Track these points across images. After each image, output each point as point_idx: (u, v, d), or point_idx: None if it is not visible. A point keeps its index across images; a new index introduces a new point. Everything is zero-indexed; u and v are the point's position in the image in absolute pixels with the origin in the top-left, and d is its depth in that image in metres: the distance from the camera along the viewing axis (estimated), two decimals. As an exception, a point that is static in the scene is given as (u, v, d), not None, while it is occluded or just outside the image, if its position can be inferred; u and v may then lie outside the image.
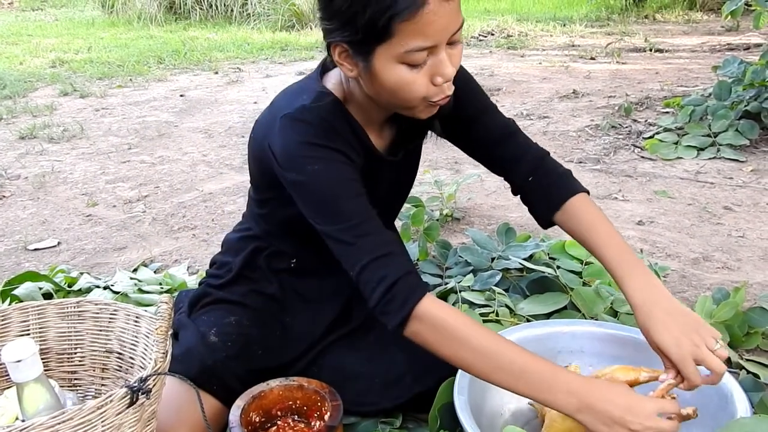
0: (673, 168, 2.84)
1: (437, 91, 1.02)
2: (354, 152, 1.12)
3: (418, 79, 0.99)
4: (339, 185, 1.06)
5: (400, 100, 1.04)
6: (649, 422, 0.93)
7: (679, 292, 1.81)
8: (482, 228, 2.25)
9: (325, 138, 1.07)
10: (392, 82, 1.00)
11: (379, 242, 1.04)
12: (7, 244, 2.35)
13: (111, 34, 7.62)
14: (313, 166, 1.05)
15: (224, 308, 1.31)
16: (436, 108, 1.07)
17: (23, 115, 4.29)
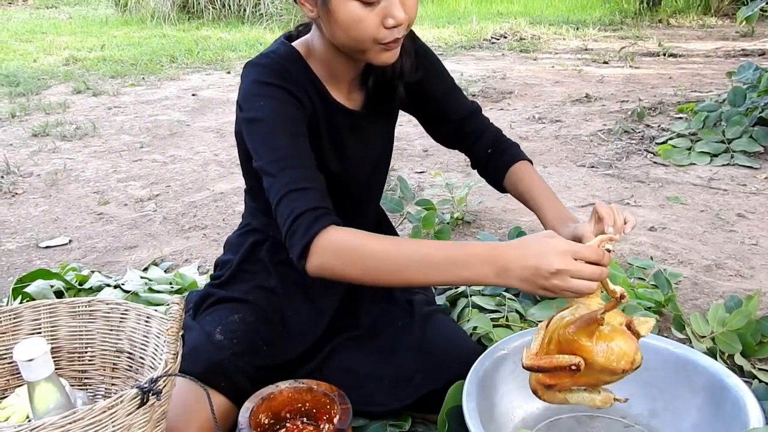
0: (686, 174, 2.82)
1: (387, 34, 1.06)
2: (307, 97, 1.16)
3: (369, 18, 1.04)
4: (279, 121, 1.11)
5: (353, 40, 1.08)
6: (563, 260, 0.92)
7: (691, 299, 1.79)
8: (493, 232, 2.24)
9: (277, 77, 1.13)
10: (345, 18, 1.05)
11: (300, 176, 1.06)
12: (19, 242, 2.36)
13: (124, 33, 7.66)
14: (260, 101, 1.12)
15: (228, 307, 1.32)
16: (391, 54, 1.10)
17: (36, 112, 4.31)
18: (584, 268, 0.94)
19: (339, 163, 1.26)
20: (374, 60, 1.12)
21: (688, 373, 1.21)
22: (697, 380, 1.20)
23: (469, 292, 1.62)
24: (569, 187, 2.69)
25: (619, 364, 0.98)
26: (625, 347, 0.99)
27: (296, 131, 1.13)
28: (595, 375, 1.01)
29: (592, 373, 1.01)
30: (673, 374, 1.23)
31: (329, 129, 1.22)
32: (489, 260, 0.96)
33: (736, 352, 1.45)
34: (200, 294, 1.36)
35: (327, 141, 1.23)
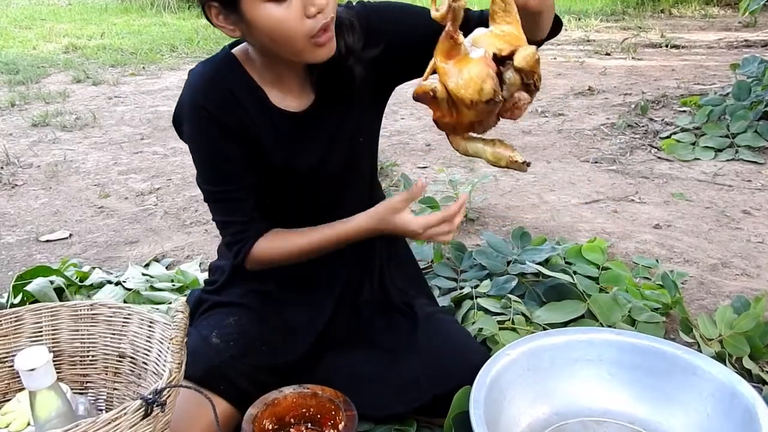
0: (691, 169, 2.80)
1: (314, 24, 1.00)
2: (239, 109, 1.14)
3: (289, 14, 0.99)
4: (205, 152, 1.17)
5: (283, 44, 1.03)
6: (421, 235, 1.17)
7: (697, 299, 1.78)
8: (497, 229, 2.22)
9: (211, 102, 1.12)
10: (265, 24, 1.00)
11: (225, 209, 1.21)
12: (19, 235, 2.34)
13: (124, 21, 7.60)
14: (190, 129, 1.16)
15: (222, 311, 1.31)
16: (327, 47, 1.06)
17: (36, 101, 4.28)
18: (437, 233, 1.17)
19: (295, 163, 1.22)
20: (311, 59, 1.07)
21: (697, 378, 1.20)
22: (706, 387, 1.19)
23: (475, 294, 1.61)
24: (573, 183, 2.67)
25: (467, 91, 0.89)
26: (473, 72, 0.89)
27: (220, 161, 1.17)
28: (463, 110, 0.93)
29: (460, 108, 0.93)
30: (681, 380, 1.22)
31: (274, 134, 1.18)
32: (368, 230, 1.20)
33: (744, 355, 1.44)
34: (195, 300, 1.35)
35: (273, 145, 1.19)
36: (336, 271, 1.36)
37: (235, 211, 1.21)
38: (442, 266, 1.84)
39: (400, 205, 1.16)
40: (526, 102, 0.95)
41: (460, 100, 0.91)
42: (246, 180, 1.20)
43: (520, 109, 0.95)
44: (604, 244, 1.96)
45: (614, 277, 1.76)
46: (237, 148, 1.17)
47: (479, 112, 0.92)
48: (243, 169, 1.19)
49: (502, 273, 1.76)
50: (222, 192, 1.20)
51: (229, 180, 1.19)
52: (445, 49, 0.91)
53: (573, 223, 2.28)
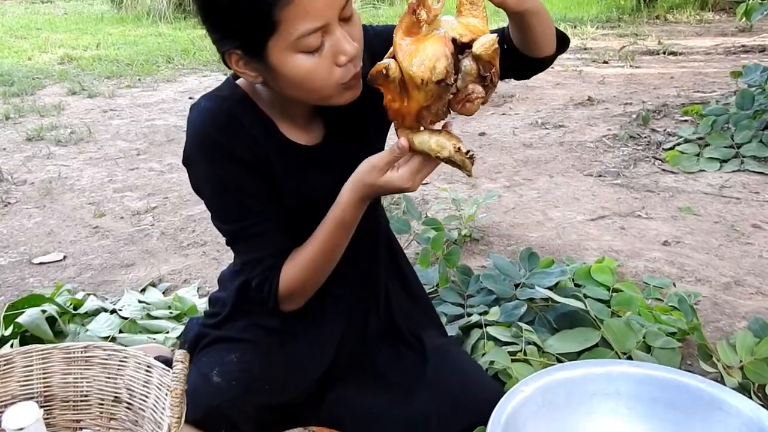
0: (696, 182, 2.75)
1: (345, 72, 0.98)
2: (253, 143, 1.09)
3: (320, 65, 0.96)
4: (221, 190, 1.10)
5: (311, 92, 1.00)
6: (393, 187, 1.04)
7: (712, 321, 1.73)
8: (502, 249, 2.17)
9: (223, 134, 1.06)
10: (295, 74, 0.97)
11: (248, 247, 1.14)
12: (11, 257, 2.28)
13: (120, 31, 7.55)
14: (203, 163, 1.08)
15: (224, 347, 1.24)
16: (354, 89, 1.02)
17: (31, 114, 4.23)
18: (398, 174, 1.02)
19: (305, 196, 1.17)
20: (338, 102, 1.03)
21: (722, 414, 1.15)
22: (732, 422, 1.14)
23: (484, 322, 1.55)
24: (578, 198, 2.62)
25: (418, 69, 0.86)
26: (429, 51, 0.86)
27: (241, 195, 1.10)
28: (413, 92, 0.90)
29: (411, 90, 0.89)
30: (705, 415, 1.17)
31: (287, 168, 1.13)
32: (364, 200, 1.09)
33: (767, 382, 1.38)
34: (195, 334, 1.29)
35: (285, 177, 1.14)
36: (341, 302, 1.31)
37: (263, 246, 1.14)
38: (448, 291, 1.79)
39: (386, 167, 1.03)
40: (480, 96, 0.92)
41: (411, 79, 0.88)
42: (269, 209, 1.13)
43: (472, 102, 0.92)
44: (613, 263, 1.91)
45: (626, 299, 1.71)
46: (256, 181, 1.11)
47: (429, 93, 0.88)
48: (263, 198, 1.13)
49: (511, 298, 1.70)
50: (245, 228, 1.12)
51: (251, 212, 1.12)
52: (406, 26, 0.90)
53: (579, 241, 2.23)
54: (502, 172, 2.97)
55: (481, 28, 0.91)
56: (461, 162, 0.95)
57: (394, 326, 1.36)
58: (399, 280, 1.41)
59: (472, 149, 0.94)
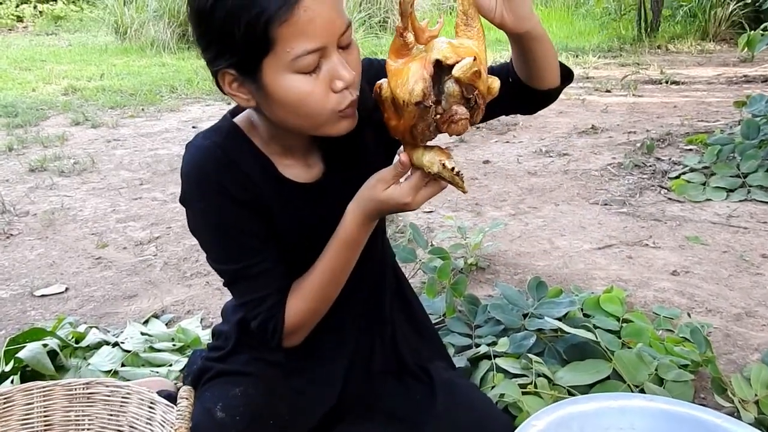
0: (703, 211, 2.73)
1: (340, 99, 0.96)
2: (249, 183, 1.07)
3: (316, 88, 0.94)
4: (217, 230, 1.08)
5: (306, 117, 0.97)
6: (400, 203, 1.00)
7: (725, 353, 1.70)
8: (509, 278, 2.15)
9: (218, 174, 1.04)
10: (289, 96, 0.94)
11: (246, 288, 1.11)
12: (13, 289, 2.26)
13: (124, 62, 7.61)
14: (199, 203, 1.06)
15: (228, 380, 1.21)
16: (350, 119, 1.00)
17: (34, 145, 4.23)
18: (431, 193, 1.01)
19: (307, 235, 1.15)
20: (332, 132, 1.01)
21: (741, 452, 1.12)
22: (751, 461, 1.10)
23: (493, 353, 1.52)
24: (584, 227, 2.60)
25: (400, 91, 0.88)
26: (409, 72, 0.88)
27: (240, 232, 1.08)
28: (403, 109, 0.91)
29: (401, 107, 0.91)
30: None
31: (284, 205, 1.11)
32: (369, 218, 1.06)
33: (783, 418, 1.35)
34: (198, 368, 1.26)
35: (284, 217, 1.12)
36: (346, 335, 1.28)
37: (265, 285, 1.10)
38: (455, 321, 1.76)
39: (391, 180, 1.00)
40: (464, 117, 0.91)
41: (396, 99, 0.90)
42: (268, 247, 1.11)
43: (456, 124, 0.92)
44: (622, 293, 1.89)
45: (636, 330, 1.69)
46: (253, 220, 1.09)
47: (411, 114, 0.90)
48: (262, 237, 1.10)
49: (519, 328, 1.68)
50: (245, 267, 1.09)
51: (251, 251, 1.09)
52: (395, 47, 0.92)
53: (587, 270, 2.21)
54: (507, 200, 2.96)
55: (474, 49, 0.91)
56: (450, 178, 0.95)
57: (400, 359, 1.33)
58: (404, 311, 1.38)
59: (457, 166, 0.94)
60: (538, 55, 1.05)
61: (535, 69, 1.08)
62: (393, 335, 1.33)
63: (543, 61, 1.06)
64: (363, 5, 8.98)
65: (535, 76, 1.09)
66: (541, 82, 1.10)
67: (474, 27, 0.93)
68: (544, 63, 1.07)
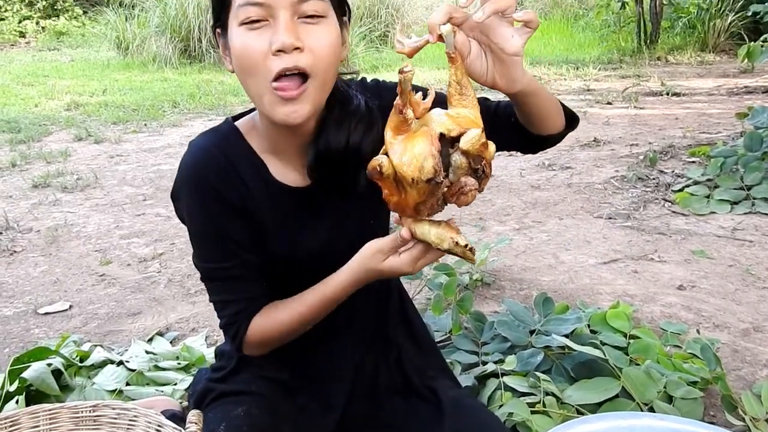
0: (708, 224, 2.73)
1: (277, 63, 0.94)
2: (241, 183, 1.08)
3: (255, 42, 0.95)
4: (202, 229, 1.10)
5: (247, 74, 0.98)
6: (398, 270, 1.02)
7: (734, 369, 1.69)
8: (514, 293, 2.14)
9: (211, 175, 1.07)
10: (236, 47, 0.97)
11: (222, 288, 1.12)
12: (17, 306, 2.25)
13: (126, 77, 7.64)
14: (190, 205, 1.09)
15: (230, 401, 1.20)
16: (286, 107, 0.97)
17: (37, 161, 4.24)
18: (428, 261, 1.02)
19: (298, 245, 1.14)
20: (272, 114, 0.99)
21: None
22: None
23: (500, 371, 1.51)
24: (589, 241, 2.59)
25: (409, 168, 0.86)
26: (417, 150, 0.86)
27: (223, 238, 1.09)
28: (407, 188, 0.89)
29: (405, 186, 0.89)
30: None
31: (274, 210, 1.11)
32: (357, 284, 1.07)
33: (793, 436, 1.34)
34: (201, 389, 1.25)
35: (274, 223, 1.12)
36: (349, 354, 1.27)
37: (236, 290, 1.11)
38: (461, 339, 1.75)
39: (390, 252, 1.01)
40: (473, 188, 0.90)
41: (403, 177, 0.88)
42: (248, 256, 1.11)
43: (466, 195, 0.90)
44: (628, 309, 1.88)
45: (644, 347, 1.67)
46: (238, 223, 1.10)
47: (421, 191, 0.88)
48: (245, 245, 1.11)
49: (526, 345, 1.67)
50: (222, 269, 1.10)
51: (230, 255, 1.10)
52: (394, 124, 0.90)
53: (593, 285, 2.20)
54: (511, 214, 2.95)
55: (472, 118, 0.90)
56: (461, 254, 0.94)
57: (406, 378, 1.31)
58: (407, 330, 1.38)
59: (470, 242, 0.93)
60: (534, 108, 1.05)
61: (533, 118, 1.08)
62: (398, 355, 1.32)
63: (541, 112, 1.06)
64: (363, 20, 9.03)
65: (535, 124, 1.09)
66: (541, 129, 1.10)
67: (468, 95, 0.92)
68: (543, 113, 1.07)
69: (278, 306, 1.13)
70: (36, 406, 1.01)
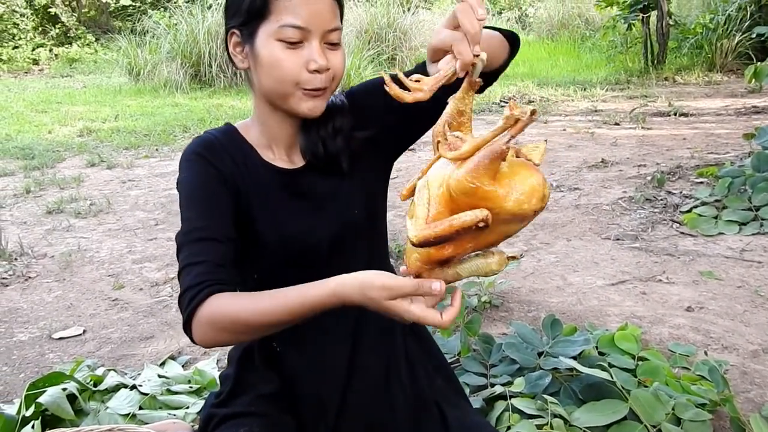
0: (716, 245, 2.73)
1: (309, 78, 1.08)
2: (232, 164, 1.14)
3: (291, 58, 1.07)
4: (193, 189, 1.14)
5: (277, 81, 1.09)
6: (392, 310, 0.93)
7: (742, 391, 1.69)
8: (522, 315, 2.15)
9: (203, 148, 1.15)
10: (268, 58, 1.08)
11: (197, 251, 1.06)
12: (31, 332, 2.29)
13: (137, 102, 7.75)
14: (182, 173, 1.16)
15: (232, 423, 1.23)
16: (312, 102, 1.10)
17: (51, 187, 4.30)
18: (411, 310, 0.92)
19: (280, 226, 1.16)
20: (297, 108, 1.11)
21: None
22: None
23: (508, 393, 1.52)
24: (597, 262, 2.60)
25: (531, 204, 0.79)
26: (533, 181, 0.80)
27: (209, 198, 1.13)
28: (500, 228, 0.83)
29: (497, 227, 0.82)
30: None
31: (261, 190, 1.17)
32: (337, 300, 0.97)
33: (803, 459, 1.34)
34: (204, 417, 1.27)
35: (260, 204, 1.16)
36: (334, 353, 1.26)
37: (206, 252, 1.06)
38: (470, 361, 1.76)
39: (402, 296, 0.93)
40: None
41: (522, 215, 0.81)
42: (226, 227, 1.11)
43: None
44: (637, 331, 1.89)
45: (652, 368, 1.68)
46: (224, 194, 1.14)
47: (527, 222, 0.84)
48: (227, 215, 1.13)
49: (534, 367, 1.68)
50: (199, 229, 1.08)
51: (208, 219, 1.10)
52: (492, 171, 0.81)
53: (601, 307, 2.21)
54: (519, 235, 2.97)
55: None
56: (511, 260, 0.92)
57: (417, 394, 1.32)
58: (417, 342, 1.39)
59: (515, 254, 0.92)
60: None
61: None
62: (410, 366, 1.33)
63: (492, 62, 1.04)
64: (372, 43, 9.14)
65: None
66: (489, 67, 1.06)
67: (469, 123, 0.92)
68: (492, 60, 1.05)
69: (245, 293, 1.05)
70: (54, 431, 1.03)
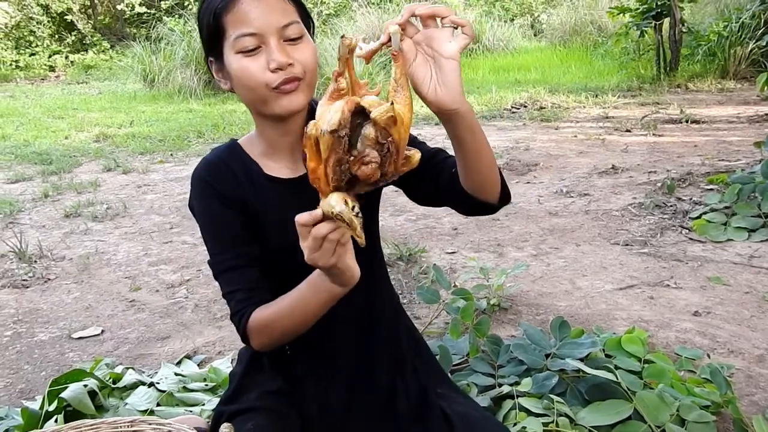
0: (725, 251, 2.75)
1: (275, 78, 1.10)
2: (236, 185, 1.20)
3: (252, 65, 1.10)
4: (209, 225, 1.22)
5: (249, 90, 1.13)
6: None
7: (747, 395, 1.71)
8: (530, 318, 2.19)
9: (211, 175, 1.21)
10: (236, 71, 1.12)
11: (229, 280, 1.20)
12: (51, 332, 2.35)
13: (152, 108, 7.85)
14: (195, 200, 1.24)
15: (240, 419, 1.27)
16: (290, 97, 1.12)
17: (68, 191, 4.38)
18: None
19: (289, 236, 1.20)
20: (276, 109, 1.14)
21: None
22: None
23: (515, 393, 1.56)
24: (605, 267, 2.63)
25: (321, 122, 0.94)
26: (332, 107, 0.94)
27: (223, 229, 1.21)
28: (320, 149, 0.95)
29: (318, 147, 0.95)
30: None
31: (267, 202, 1.22)
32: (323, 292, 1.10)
33: (804, 459, 1.37)
34: (215, 415, 1.32)
35: (268, 214, 1.22)
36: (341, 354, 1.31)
37: (238, 280, 1.20)
38: (478, 361, 1.80)
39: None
40: (374, 160, 0.96)
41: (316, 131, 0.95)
42: (247, 248, 1.21)
43: (366, 165, 0.96)
44: (643, 334, 1.92)
45: (658, 371, 1.71)
46: (236, 218, 1.21)
47: (326, 145, 0.94)
48: (244, 238, 1.21)
49: (542, 368, 1.71)
50: (224, 261, 1.20)
51: (230, 248, 1.20)
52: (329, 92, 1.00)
53: (608, 311, 2.24)
54: (529, 240, 3.01)
55: (399, 112, 0.97)
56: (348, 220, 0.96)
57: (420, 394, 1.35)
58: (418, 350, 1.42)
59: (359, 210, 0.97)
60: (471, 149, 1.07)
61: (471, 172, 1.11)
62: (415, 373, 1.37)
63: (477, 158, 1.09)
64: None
65: (474, 182, 1.12)
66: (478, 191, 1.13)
67: (402, 94, 1.00)
68: (479, 165, 1.10)
69: (279, 298, 1.18)
70: (78, 422, 1.08)
